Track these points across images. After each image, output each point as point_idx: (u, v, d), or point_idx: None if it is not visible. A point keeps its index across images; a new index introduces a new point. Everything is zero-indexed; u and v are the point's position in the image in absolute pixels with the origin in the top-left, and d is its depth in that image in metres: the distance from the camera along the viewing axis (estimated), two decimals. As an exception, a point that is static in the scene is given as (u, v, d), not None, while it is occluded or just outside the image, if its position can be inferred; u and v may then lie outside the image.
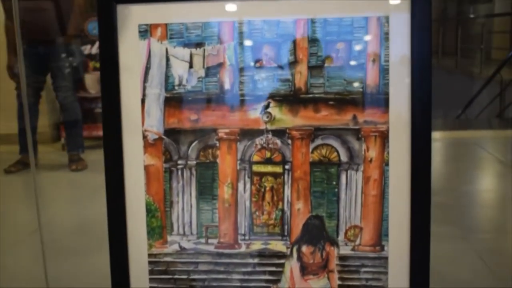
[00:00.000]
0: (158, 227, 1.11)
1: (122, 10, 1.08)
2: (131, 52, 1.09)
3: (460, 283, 1.68)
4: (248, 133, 1.08)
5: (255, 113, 1.08)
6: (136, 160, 1.10)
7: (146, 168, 1.10)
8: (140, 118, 1.09)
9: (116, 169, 1.10)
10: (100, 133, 1.10)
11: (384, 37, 1.05)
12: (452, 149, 3.60)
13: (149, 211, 1.11)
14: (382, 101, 1.05)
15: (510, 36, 8.91)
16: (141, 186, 1.10)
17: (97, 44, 3.95)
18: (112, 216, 1.10)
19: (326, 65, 1.06)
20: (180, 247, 1.11)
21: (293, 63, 1.06)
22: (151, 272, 1.12)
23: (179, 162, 1.10)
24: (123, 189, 1.10)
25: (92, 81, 4.06)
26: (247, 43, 1.07)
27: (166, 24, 1.08)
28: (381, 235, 1.08)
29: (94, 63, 4.08)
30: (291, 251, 1.10)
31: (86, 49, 4.09)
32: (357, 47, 1.06)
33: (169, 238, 1.11)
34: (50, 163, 3.56)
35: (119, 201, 1.10)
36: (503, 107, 5.80)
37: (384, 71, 1.05)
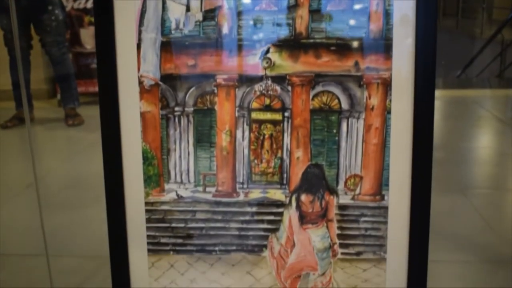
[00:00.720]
0: (155, 175, 1.09)
1: (116, -51, 1.03)
2: (126, -7, 1.04)
3: (458, 237, 1.68)
4: (247, 79, 1.05)
5: (254, 58, 1.04)
6: (132, 107, 1.07)
7: (143, 115, 1.08)
8: (136, 63, 1.06)
9: (112, 115, 1.07)
10: (97, 89, 1.07)
11: (389, -20, 1.01)
12: (452, 107, 3.57)
13: (146, 159, 1.09)
14: (385, 47, 1.02)
15: (513, -5, 8.75)
16: (137, 134, 1.08)
17: (91, -3, 3.87)
18: (108, 164, 1.08)
19: (328, 8, 1.02)
20: (178, 195, 1.10)
21: (294, 7, 1.03)
22: (148, 220, 1.11)
23: (176, 109, 1.08)
24: (119, 137, 1.08)
25: (87, 36, 3.98)
26: (247, -15, 1.03)
27: (162, -35, 1.04)
28: (381, 184, 1.06)
29: (89, 17, 3.99)
30: (290, 200, 1.08)
31: (81, 3, 3.99)
32: (361, -10, 1.02)
33: (166, 186, 1.10)
34: (46, 118, 3.51)
35: (115, 149, 1.08)
36: (504, 67, 5.74)
37: (387, 16, 1.01)
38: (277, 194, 1.09)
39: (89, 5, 4.03)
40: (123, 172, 1.09)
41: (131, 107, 1.07)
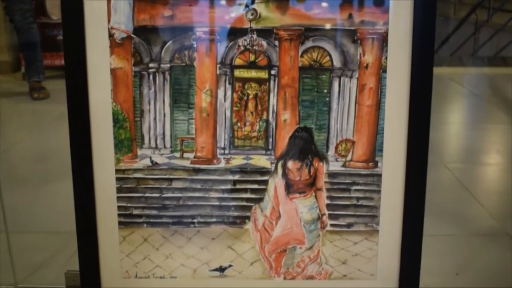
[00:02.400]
0: (126, 139, 0.99)
1: None
2: None
3: (445, 211, 1.63)
4: (230, 33, 0.95)
5: (238, 9, 0.94)
6: (101, 63, 0.96)
7: (113, 72, 0.96)
8: (106, 13, 0.94)
9: (78, 72, 0.95)
10: (63, 62, 0.95)
11: None
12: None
13: (117, 121, 0.98)
14: (382, -2, 0.93)
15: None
16: (107, 93, 0.97)
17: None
18: (74, 127, 0.97)
19: (320, -46, 0.92)
20: (152, 162, 1.00)
21: (283, -48, 0.92)
22: (119, 190, 1.00)
23: (151, 65, 0.97)
24: (87, 96, 0.96)
25: (53, 6, 3.78)
26: None
27: None
28: (375, 150, 0.98)
29: (55, -14, 3.80)
30: (276, 167, 0.99)
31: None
32: None
33: (139, 152, 0.99)
34: (10, 92, 3.34)
35: (82, 110, 0.96)
36: (477, 47, 5.74)
37: (386, -36, 0.92)
38: (261, 160, 0.99)
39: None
40: (90, 136, 0.98)
41: (100, 63, 0.96)
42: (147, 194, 1.01)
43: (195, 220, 1.02)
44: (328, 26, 0.94)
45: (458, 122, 2.87)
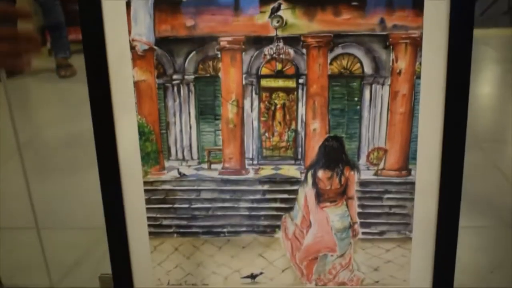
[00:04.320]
0: (153, 152, 0.97)
1: None
2: None
3: (482, 200, 1.56)
4: (255, 41, 0.91)
5: (263, 17, 0.90)
6: (123, 75, 0.93)
7: (136, 84, 0.94)
8: (126, 25, 0.91)
9: (101, 86, 0.93)
10: None
11: None
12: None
13: (142, 134, 0.96)
14: (415, 1, 0.88)
15: None
16: (131, 106, 0.95)
17: None
18: (100, 142, 0.96)
19: (349, -44, 0.87)
20: (180, 173, 0.98)
21: (309, -45, 0.87)
22: (147, 201, 0.99)
23: (175, 76, 0.94)
24: (111, 110, 0.95)
25: (75, -20, 3.74)
26: None
27: None
28: (408, 158, 0.95)
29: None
30: (306, 177, 0.97)
31: None
32: None
33: (166, 164, 0.98)
34: (36, 69, 3.34)
35: (106, 123, 0.95)
36: (512, 3, 5.48)
37: (419, -37, 0.86)
38: (291, 170, 0.97)
39: None
40: (117, 150, 0.96)
41: (123, 76, 0.94)
42: (176, 205, 1.00)
43: (225, 230, 1.01)
44: (358, 31, 0.90)
45: (492, 94, 2.74)
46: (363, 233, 0.99)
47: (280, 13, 0.89)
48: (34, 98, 2.92)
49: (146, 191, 0.99)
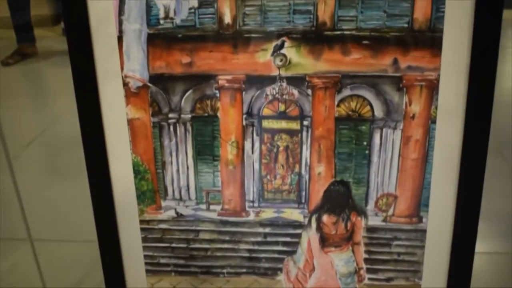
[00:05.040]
0: (149, 191, 0.92)
1: None
2: (100, -27, 0.82)
3: (499, 219, 1.45)
4: (257, 81, 0.84)
5: (265, 55, 0.83)
6: (117, 114, 0.88)
7: (130, 122, 0.89)
8: (118, 61, 0.85)
9: (95, 124, 0.88)
10: None
11: (443, -48, 0.76)
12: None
13: (138, 172, 0.91)
14: (433, 40, 0.80)
15: None
16: (125, 144, 0.89)
17: None
18: (93, 179, 0.91)
19: (360, -9, 0.79)
20: (177, 213, 0.93)
21: (316, -12, 0.79)
22: (144, 239, 0.95)
23: (171, 115, 0.88)
24: (105, 147, 0.89)
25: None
26: (254, -40, 0.79)
27: None
28: (419, 205, 0.88)
29: None
30: (310, 221, 0.91)
31: None
32: (404, -34, 0.77)
33: (163, 203, 0.93)
34: (50, 51, 3.28)
35: (100, 161, 0.90)
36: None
37: (438, 0, 0.78)
38: (294, 214, 0.91)
39: None
40: (112, 188, 0.92)
41: (116, 114, 0.88)
42: (173, 245, 0.95)
43: (224, 271, 0.96)
44: (369, 72, 0.82)
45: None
46: (369, 279, 0.94)
47: (283, 51, 0.82)
48: (49, 85, 2.86)
49: (142, 229, 0.95)
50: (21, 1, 3.07)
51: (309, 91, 0.84)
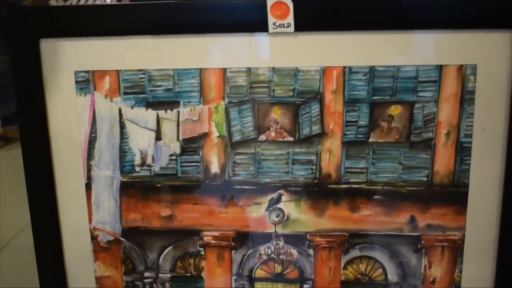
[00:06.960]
0: None
1: (50, 49, 0.68)
2: (64, 114, 0.70)
3: None
4: (248, 238, 0.71)
5: (258, 209, 0.70)
6: (83, 270, 0.74)
7: (99, 280, 0.75)
8: (86, 211, 0.72)
9: (57, 282, 0.74)
10: None
11: (467, 99, 0.65)
12: None
13: (107, 338, 0.76)
14: (456, 196, 0.67)
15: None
16: (93, 305, 0.75)
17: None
18: None
19: (371, 140, 0.67)
20: None
21: (319, 136, 0.67)
22: None
23: (146, 274, 0.74)
24: (68, 309, 0.75)
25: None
26: (246, 103, 0.68)
27: (117, 72, 0.68)
28: None
29: None
30: None
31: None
32: (422, 113, 0.66)
33: None
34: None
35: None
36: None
37: (463, 151, 0.66)
38: None
39: None
40: None
41: (83, 270, 0.74)
42: None
43: None
44: (381, 231, 0.69)
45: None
46: None
47: (280, 205, 0.70)
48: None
49: None
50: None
51: (311, 251, 0.71)
